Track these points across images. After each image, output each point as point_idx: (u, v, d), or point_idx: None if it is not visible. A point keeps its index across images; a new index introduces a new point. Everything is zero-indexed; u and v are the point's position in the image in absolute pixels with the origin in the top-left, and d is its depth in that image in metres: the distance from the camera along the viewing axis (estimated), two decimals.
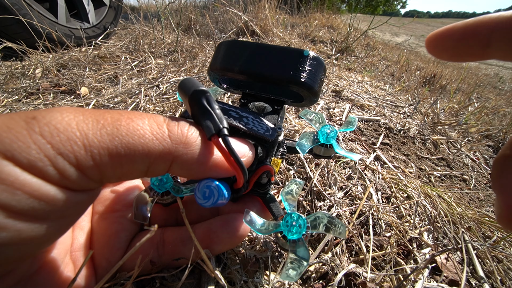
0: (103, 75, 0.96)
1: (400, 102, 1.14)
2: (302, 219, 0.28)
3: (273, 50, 0.30)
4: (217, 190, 0.23)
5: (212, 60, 0.33)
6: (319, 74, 0.30)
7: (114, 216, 0.31)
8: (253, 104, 0.35)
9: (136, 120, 0.20)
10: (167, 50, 1.23)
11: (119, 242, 0.29)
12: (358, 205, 0.48)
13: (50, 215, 0.18)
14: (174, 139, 0.21)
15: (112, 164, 0.19)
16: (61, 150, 0.17)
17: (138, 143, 0.19)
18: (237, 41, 0.32)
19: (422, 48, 5.99)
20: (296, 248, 0.27)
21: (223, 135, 0.22)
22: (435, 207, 0.54)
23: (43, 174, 0.17)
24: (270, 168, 0.29)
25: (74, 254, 0.27)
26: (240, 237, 0.30)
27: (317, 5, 2.91)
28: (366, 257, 0.39)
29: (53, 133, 0.17)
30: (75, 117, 0.18)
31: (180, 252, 0.30)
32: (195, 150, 0.22)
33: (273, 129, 0.28)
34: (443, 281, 0.40)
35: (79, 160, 0.18)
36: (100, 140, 0.18)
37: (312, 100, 0.32)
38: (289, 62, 0.29)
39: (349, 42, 1.92)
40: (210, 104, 0.22)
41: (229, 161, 0.23)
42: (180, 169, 0.22)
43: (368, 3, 10.69)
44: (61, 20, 1.23)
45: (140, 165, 0.20)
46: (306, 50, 0.29)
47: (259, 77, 0.30)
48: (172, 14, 1.70)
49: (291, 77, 0.29)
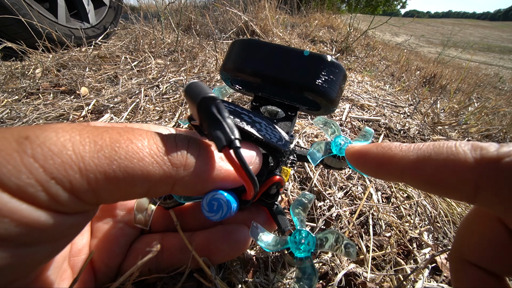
0: (103, 75, 0.96)
1: (400, 102, 1.14)
2: (312, 237, 0.26)
3: (291, 53, 0.28)
4: (226, 203, 0.22)
5: (225, 59, 0.31)
6: (339, 82, 0.28)
7: (114, 221, 0.30)
8: (265, 108, 0.33)
9: (135, 142, 0.19)
10: (167, 50, 1.23)
11: (119, 248, 0.29)
12: (358, 205, 0.48)
13: (40, 240, 0.17)
14: (174, 163, 0.20)
15: (109, 188, 0.18)
16: (54, 174, 0.16)
17: (137, 167, 0.18)
18: (253, 40, 0.30)
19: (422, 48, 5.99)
20: (303, 266, 0.25)
21: (235, 147, 0.20)
22: (435, 207, 0.54)
23: (34, 200, 0.16)
24: (281, 180, 0.28)
25: (73, 260, 0.27)
26: (240, 250, 0.29)
27: (317, 5, 2.91)
28: (366, 257, 0.39)
29: (46, 156, 0.16)
30: (71, 138, 0.17)
31: (178, 260, 0.29)
32: (197, 170, 0.21)
33: (285, 137, 0.27)
34: (443, 281, 0.40)
35: (74, 185, 0.17)
36: (97, 164, 0.17)
37: (330, 109, 0.30)
38: (308, 67, 0.27)
39: (349, 42, 1.92)
40: (220, 112, 0.21)
41: (240, 173, 0.21)
42: (183, 190, 0.21)
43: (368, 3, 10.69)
44: (61, 20, 1.23)
45: (139, 189, 0.19)
46: (327, 56, 0.27)
47: (274, 81, 0.28)
48: (172, 14, 1.70)
49: (309, 84, 0.27)
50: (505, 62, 6.27)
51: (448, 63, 3.87)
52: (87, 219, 0.20)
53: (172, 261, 0.29)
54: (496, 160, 0.15)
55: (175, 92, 0.85)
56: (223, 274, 0.33)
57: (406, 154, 0.18)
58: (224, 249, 0.29)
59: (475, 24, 25.71)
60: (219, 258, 0.29)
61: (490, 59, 6.79)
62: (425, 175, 0.17)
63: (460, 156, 0.16)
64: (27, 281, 0.22)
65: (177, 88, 0.88)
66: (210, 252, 0.29)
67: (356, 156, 0.21)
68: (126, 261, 0.29)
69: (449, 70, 3.00)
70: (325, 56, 0.27)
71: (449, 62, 3.95)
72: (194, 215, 0.33)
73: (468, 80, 3.01)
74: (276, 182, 0.27)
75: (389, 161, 0.19)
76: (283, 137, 0.27)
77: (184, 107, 0.76)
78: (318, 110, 0.32)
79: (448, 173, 0.16)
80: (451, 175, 0.16)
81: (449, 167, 0.16)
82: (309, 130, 0.70)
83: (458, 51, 6.14)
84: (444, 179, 0.16)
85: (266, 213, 0.32)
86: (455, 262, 0.19)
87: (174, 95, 0.83)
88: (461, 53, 6.10)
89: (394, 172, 0.19)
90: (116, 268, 0.29)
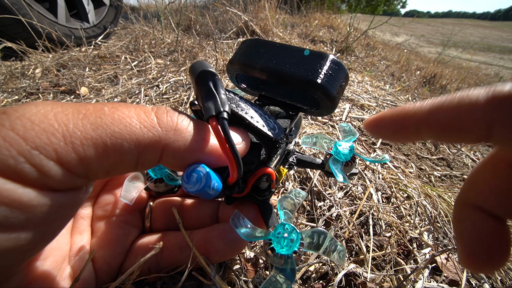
0: (103, 75, 0.96)
1: (400, 102, 1.14)
2: (296, 233, 0.24)
3: (295, 50, 0.30)
4: (206, 176, 0.21)
5: (233, 56, 0.33)
6: (339, 80, 0.29)
7: (115, 221, 0.30)
8: (267, 108, 0.34)
9: (121, 109, 0.18)
10: (167, 50, 1.23)
11: (120, 246, 0.29)
12: (358, 205, 0.48)
13: (29, 222, 0.15)
14: (164, 126, 0.19)
15: (97, 156, 0.17)
16: (37, 143, 0.15)
17: (125, 132, 0.18)
18: (260, 40, 0.32)
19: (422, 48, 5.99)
20: (283, 266, 0.23)
21: (222, 117, 0.20)
22: (435, 207, 0.54)
23: (18, 175, 0.15)
24: (271, 172, 0.27)
25: (73, 260, 0.27)
26: (237, 249, 0.29)
27: (317, 5, 2.91)
28: (366, 257, 0.39)
29: (26, 126, 0.15)
30: (52, 109, 0.16)
31: (177, 259, 0.29)
32: (187, 136, 0.20)
33: (280, 128, 0.27)
34: (443, 281, 0.40)
35: (59, 153, 0.16)
36: (82, 131, 0.16)
37: (329, 108, 0.31)
38: (311, 63, 0.28)
39: (349, 42, 1.92)
40: (216, 86, 0.21)
41: (223, 148, 0.21)
42: (172, 158, 0.20)
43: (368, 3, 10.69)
44: (61, 20, 1.23)
45: (128, 156, 0.18)
46: (330, 54, 0.29)
47: (278, 76, 0.29)
48: (172, 14, 1.70)
49: (310, 78, 0.28)
50: (505, 62, 6.27)
51: (448, 63, 3.87)
52: (79, 199, 0.19)
53: (171, 260, 0.29)
54: (508, 95, 0.15)
55: (175, 92, 0.85)
56: (223, 274, 0.33)
57: (420, 109, 0.18)
58: (220, 248, 0.28)
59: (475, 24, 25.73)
60: (216, 257, 0.29)
61: (490, 59, 6.79)
62: (440, 123, 0.17)
63: (471, 98, 0.16)
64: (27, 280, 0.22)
65: (177, 88, 0.88)
66: (207, 251, 0.29)
67: (373, 123, 0.20)
68: (127, 260, 0.29)
69: (449, 70, 3.00)
70: (328, 54, 0.29)
71: (449, 62, 3.95)
72: (193, 214, 0.33)
73: (468, 80, 3.01)
74: (266, 174, 0.27)
75: (404, 118, 0.19)
76: (276, 127, 0.26)
77: (184, 107, 0.76)
78: (317, 109, 0.32)
79: (461, 116, 0.16)
80: (464, 117, 0.16)
81: (462, 110, 0.16)
82: (309, 130, 0.70)
83: (458, 51, 6.14)
84: (458, 123, 0.16)
85: (256, 211, 0.32)
86: (459, 205, 0.19)
87: (174, 95, 0.83)
88: (461, 53, 6.10)
89: (411, 128, 0.18)
90: (118, 267, 0.29)
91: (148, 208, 0.33)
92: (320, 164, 0.35)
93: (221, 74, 0.99)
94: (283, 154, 0.32)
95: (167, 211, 0.33)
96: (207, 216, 0.33)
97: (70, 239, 0.28)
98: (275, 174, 0.28)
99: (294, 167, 0.35)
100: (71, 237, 0.29)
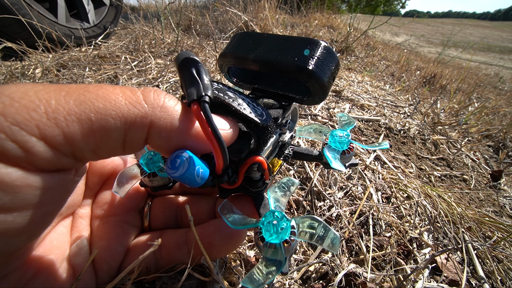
0: (103, 75, 0.96)
1: (400, 102, 1.14)
2: (286, 221, 0.22)
3: (285, 39, 0.29)
4: (188, 160, 0.21)
5: (225, 49, 0.33)
6: (330, 66, 0.29)
7: (114, 220, 0.30)
8: (261, 100, 0.34)
9: (106, 87, 0.18)
10: (167, 50, 1.23)
11: (119, 246, 0.29)
12: (358, 205, 0.48)
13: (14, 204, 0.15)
14: (150, 103, 0.19)
15: (82, 133, 0.16)
16: (17, 119, 0.14)
17: (110, 107, 0.17)
18: (251, 32, 0.32)
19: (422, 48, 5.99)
20: (271, 256, 0.21)
21: (203, 101, 0.20)
22: (435, 207, 0.54)
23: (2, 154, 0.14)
24: (261, 160, 0.26)
25: (73, 259, 0.27)
26: (234, 244, 0.29)
27: (317, 5, 2.91)
28: (366, 257, 0.39)
29: (5, 103, 0.14)
30: (33, 87, 0.16)
31: (175, 257, 0.29)
32: (174, 115, 0.20)
33: (268, 115, 0.26)
34: (443, 281, 0.40)
35: (42, 129, 0.15)
36: (65, 107, 0.16)
37: (320, 95, 0.31)
38: (302, 50, 0.28)
39: (349, 42, 1.92)
40: (199, 72, 0.21)
41: (206, 132, 0.20)
42: (158, 138, 0.20)
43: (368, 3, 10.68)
44: (61, 20, 1.23)
45: (114, 133, 0.18)
46: (321, 40, 0.29)
47: (269, 65, 0.29)
48: (172, 14, 1.70)
49: (302, 64, 0.27)
50: (505, 62, 6.27)
51: (448, 63, 3.87)
52: (70, 181, 0.19)
53: (169, 258, 0.29)
54: None
55: (175, 92, 0.85)
56: (223, 274, 0.33)
57: None
58: (217, 243, 0.28)
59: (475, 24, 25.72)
60: (214, 253, 0.29)
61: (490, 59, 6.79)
62: None
63: None
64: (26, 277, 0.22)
65: (177, 88, 0.87)
66: (204, 247, 0.29)
67: None
68: (127, 260, 0.29)
69: (449, 70, 3.00)
70: (320, 40, 0.28)
71: (449, 62, 3.95)
72: (193, 212, 0.33)
73: (468, 80, 3.01)
74: (256, 163, 0.26)
75: None
76: (264, 113, 0.26)
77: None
78: (309, 97, 0.32)
79: None
80: None
81: None
82: None
83: (458, 51, 6.14)
84: None
85: (251, 205, 0.31)
86: None
87: (174, 95, 0.83)
88: (461, 53, 6.10)
89: None
90: (117, 266, 0.29)
91: (146, 207, 0.33)
92: (317, 156, 0.35)
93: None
94: (276, 144, 0.32)
95: (166, 210, 0.33)
96: (204, 212, 0.33)
97: (70, 238, 0.28)
98: (266, 163, 0.27)
99: (288, 159, 0.35)
100: (71, 236, 0.29)
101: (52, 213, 0.19)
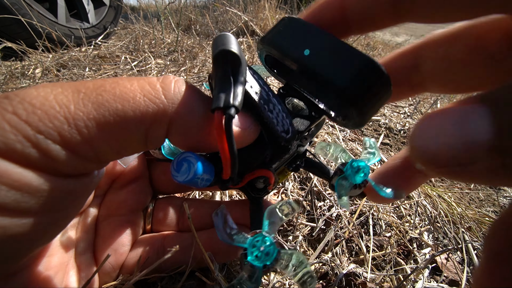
0: (103, 75, 0.96)
1: (400, 102, 1.14)
2: (274, 249, 0.22)
3: (341, 47, 0.22)
4: (195, 169, 0.20)
5: (267, 33, 0.26)
6: (381, 101, 0.23)
7: (118, 220, 0.30)
8: (291, 100, 0.29)
9: (122, 83, 0.17)
10: (167, 50, 1.23)
11: (123, 246, 0.29)
12: (358, 205, 0.48)
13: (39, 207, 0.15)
14: (170, 98, 0.18)
15: (103, 137, 0.16)
16: (40, 128, 0.15)
17: (128, 108, 0.17)
18: (303, 21, 0.24)
19: None
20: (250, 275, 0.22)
21: (228, 114, 0.17)
22: (435, 207, 0.54)
23: (25, 159, 0.15)
24: (269, 175, 0.25)
25: (79, 258, 0.27)
26: (238, 251, 0.29)
27: None
28: (366, 257, 0.39)
29: (28, 110, 0.15)
30: (52, 91, 0.16)
31: (179, 260, 0.29)
32: (195, 110, 0.19)
33: (294, 132, 0.23)
34: (443, 281, 0.40)
35: (64, 137, 0.15)
36: (84, 111, 0.16)
37: (357, 124, 0.25)
38: (358, 75, 0.21)
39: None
40: (234, 73, 0.18)
41: (221, 144, 0.18)
42: (177, 133, 0.19)
43: None
44: (61, 20, 1.23)
45: (135, 134, 0.17)
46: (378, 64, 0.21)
47: (310, 73, 0.23)
48: (172, 14, 1.70)
49: (346, 92, 0.21)
50: None
51: None
52: (89, 185, 0.19)
53: (172, 261, 0.29)
54: None
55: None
56: (224, 275, 0.33)
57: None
58: (225, 249, 0.29)
59: None
60: (219, 258, 0.29)
61: None
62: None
63: None
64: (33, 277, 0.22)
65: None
66: (212, 251, 0.29)
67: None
68: (129, 260, 0.29)
69: None
70: (380, 65, 0.21)
71: None
72: (194, 213, 0.33)
73: None
74: (263, 177, 0.25)
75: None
76: (290, 130, 0.23)
77: None
78: (343, 120, 0.27)
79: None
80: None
81: None
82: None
83: None
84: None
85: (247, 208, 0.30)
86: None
87: None
88: None
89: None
90: (119, 267, 0.29)
91: (150, 208, 0.33)
92: (327, 174, 0.31)
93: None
94: (291, 157, 0.29)
95: (169, 211, 0.33)
96: (208, 215, 0.33)
97: (76, 238, 0.28)
98: (274, 178, 0.26)
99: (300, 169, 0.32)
100: (76, 235, 0.29)
101: (73, 214, 0.20)
